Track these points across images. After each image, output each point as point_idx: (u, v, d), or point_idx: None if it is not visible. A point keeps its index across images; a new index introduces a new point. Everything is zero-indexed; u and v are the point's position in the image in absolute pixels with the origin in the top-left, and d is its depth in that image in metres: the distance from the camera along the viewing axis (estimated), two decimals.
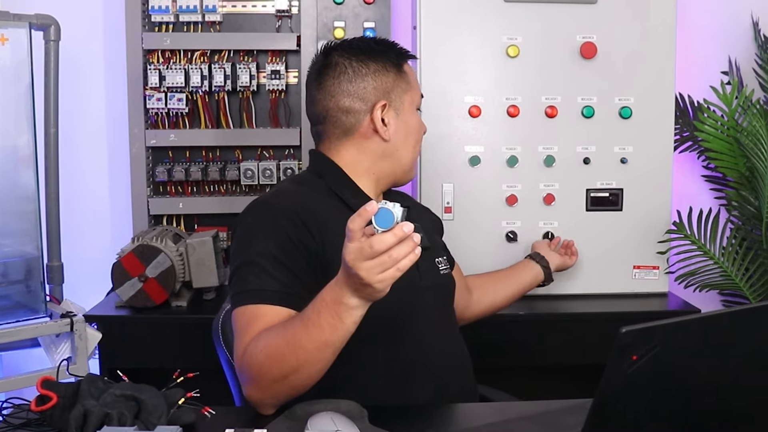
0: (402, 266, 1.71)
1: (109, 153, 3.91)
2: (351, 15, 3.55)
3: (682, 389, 1.52)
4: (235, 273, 2.12)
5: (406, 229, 1.68)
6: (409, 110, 2.36)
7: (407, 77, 2.36)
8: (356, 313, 1.82)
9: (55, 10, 3.39)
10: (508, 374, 3.26)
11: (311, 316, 1.85)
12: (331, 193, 2.29)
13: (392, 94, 2.32)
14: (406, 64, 2.38)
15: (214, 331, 2.39)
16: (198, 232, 3.46)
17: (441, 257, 2.47)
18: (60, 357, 3.18)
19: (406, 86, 2.35)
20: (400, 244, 1.69)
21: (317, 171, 2.36)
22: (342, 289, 1.79)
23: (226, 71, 3.51)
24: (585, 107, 3.40)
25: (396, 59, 2.35)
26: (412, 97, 2.37)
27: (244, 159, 3.61)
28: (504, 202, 3.41)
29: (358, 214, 1.70)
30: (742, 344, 1.53)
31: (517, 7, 3.36)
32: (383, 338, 2.16)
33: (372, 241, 1.68)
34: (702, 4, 3.96)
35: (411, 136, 2.37)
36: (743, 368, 1.56)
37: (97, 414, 1.75)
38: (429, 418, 2.12)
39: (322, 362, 1.89)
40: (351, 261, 1.71)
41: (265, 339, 1.93)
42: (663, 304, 3.47)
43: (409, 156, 2.38)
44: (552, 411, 2.08)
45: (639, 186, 3.46)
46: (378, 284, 1.72)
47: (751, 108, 3.46)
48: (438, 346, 2.30)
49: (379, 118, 2.29)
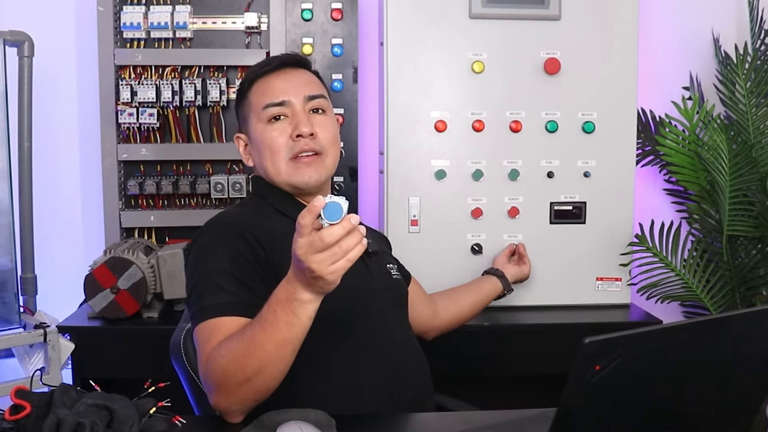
0: (351, 257, 1.75)
1: (82, 167, 3.91)
2: (319, 31, 3.57)
3: (644, 399, 1.54)
4: (192, 293, 2.15)
5: (354, 221, 1.72)
6: (256, 128, 2.38)
7: (248, 100, 2.41)
8: (310, 307, 1.85)
9: (29, 27, 3.39)
10: (473, 384, 3.31)
11: (267, 316, 1.88)
12: (276, 211, 2.36)
13: (243, 125, 2.45)
14: (252, 87, 2.42)
15: (172, 349, 2.39)
16: (169, 245, 3.48)
17: (391, 264, 2.51)
18: (33, 367, 3.16)
19: (248, 109, 2.41)
20: (349, 236, 1.73)
21: (259, 194, 2.43)
22: (294, 286, 1.82)
23: (197, 87, 3.53)
24: (549, 122, 3.42)
25: (240, 88, 2.45)
26: (255, 114, 2.39)
27: (214, 173, 3.62)
28: (469, 215, 3.42)
29: (307, 209, 1.73)
30: (703, 355, 1.55)
31: (482, 23, 3.38)
32: (338, 335, 2.19)
33: (322, 234, 1.71)
34: (664, 21, 4.00)
35: (263, 152, 2.37)
36: (704, 378, 1.59)
37: (70, 423, 1.76)
38: (393, 428, 2.15)
39: (283, 361, 1.91)
40: (302, 255, 1.74)
41: (226, 346, 1.95)
42: (625, 315, 3.48)
43: (271, 168, 2.37)
44: (516, 420, 2.09)
45: (602, 199, 3.48)
46: (329, 276, 1.75)
47: (712, 123, 3.47)
48: (392, 344, 2.33)
49: (242, 151, 2.45)
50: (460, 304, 2.93)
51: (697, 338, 1.54)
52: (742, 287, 3.56)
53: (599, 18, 3.43)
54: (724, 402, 1.67)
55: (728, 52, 3.87)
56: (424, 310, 2.71)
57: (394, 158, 3.36)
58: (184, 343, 2.34)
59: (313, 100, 2.39)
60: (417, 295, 2.70)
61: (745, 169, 3.41)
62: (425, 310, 2.73)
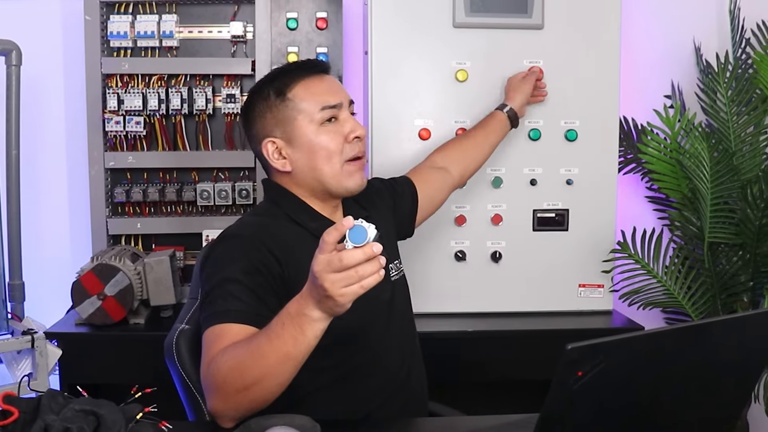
0: (366, 284, 1.74)
1: (69, 174, 3.92)
2: (304, 40, 3.59)
3: (626, 404, 1.56)
4: (205, 299, 2.15)
5: (376, 249, 1.72)
6: (307, 131, 2.32)
7: (294, 102, 2.33)
8: (317, 326, 1.84)
9: (17, 36, 3.42)
10: (456, 390, 3.30)
11: (275, 328, 1.88)
12: (290, 219, 2.33)
13: (277, 128, 2.34)
14: (293, 89, 2.34)
15: (166, 350, 2.39)
16: (155, 252, 3.48)
17: (394, 262, 2.52)
18: (21, 373, 3.19)
19: (295, 111, 2.32)
20: (368, 263, 1.73)
21: (274, 200, 2.39)
22: (306, 301, 1.82)
23: (183, 95, 3.54)
24: (532, 130, 3.44)
25: (277, 90, 2.35)
26: (308, 115, 2.32)
27: (200, 180, 3.63)
28: (453, 223, 3.45)
29: (335, 227, 1.74)
30: (684, 360, 1.57)
31: (465, 32, 3.39)
32: (339, 345, 2.19)
33: (342, 255, 1.72)
34: (646, 30, 4.01)
35: (318, 153, 2.32)
36: (686, 384, 1.61)
37: (58, 428, 1.78)
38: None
39: (283, 376, 1.92)
40: (318, 271, 1.74)
41: (230, 352, 1.96)
42: (608, 321, 3.50)
43: (326, 171, 2.33)
44: (500, 425, 2.11)
45: (584, 207, 3.50)
46: (340, 298, 1.75)
47: (693, 131, 3.47)
48: (393, 354, 2.37)
49: (273, 156, 2.34)
50: (471, 160, 3.06)
51: (678, 344, 1.55)
52: (723, 294, 3.58)
53: (582, 27, 3.45)
54: (706, 407, 1.69)
55: (709, 60, 3.89)
56: (439, 179, 2.90)
57: (379, 166, 3.37)
58: (177, 343, 2.36)
59: (352, 104, 2.41)
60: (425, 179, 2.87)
61: (726, 176, 3.42)
62: (440, 179, 2.90)
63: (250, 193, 3.58)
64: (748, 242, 3.49)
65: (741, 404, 1.83)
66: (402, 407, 2.35)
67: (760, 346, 1.70)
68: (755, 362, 1.74)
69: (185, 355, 2.34)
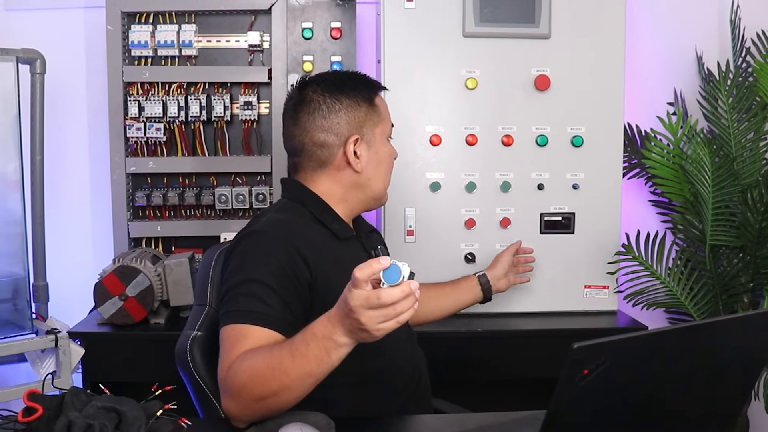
0: (401, 319, 1.75)
1: (92, 179, 3.97)
2: (319, 49, 3.63)
3: (630, 401, 1.58)
4: (228, 293, 2.13)
5: (413, 287, 1.73)
6: (381, 141, 2.40)
7: (378, 110, 2.40)
8: (343, 350, 1.84)
9: (41, 45, 3.46)
10: (464, 388, 3.36)
11: (300, 347, 1.87)
12: (314, 218, 2.34)
13: (364, 127, 2.36)
14: (378, 97, 2.43)
15: (178, 356, 2.37)
16: (175, 254, 3.50)
17: None
18: (45, 371, 3.22)
19: (378, 119, 2.39)
20: (405, 300, 1.73)
21: (299, 199, 2.38)
22: (335, 327, 1.82)
23: (202, 102, 3.60)
24: (539, 136, 3.48)
25: (368, 93, 2.39)
26: (383, 128, 2.41)
27: (218, 185, 3.69)
28: (463, 226, 3.49)
29: (368, 265, 1.73)
30: (686, 359, 1.59)
31: (475, 42, 3.44)
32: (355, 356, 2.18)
33: (380, 293, 1.71)
34: (649, 39, 4.03)
35: (382, 166, 2.42)
36: (688, 381, 1.64)
37: (80, 425, 1.79)
38: (390, 429, 2.20)
39: (302, 390, 1.91)
40: (356, 307, 1.73)
41: (250, 360, 1.95)
42: (612, 321, 3.53)
43: (381, 184, 2.44)
44: (506, 422, 2.12)
45: (590, 210, 3.54)
46: (376, 332, 1.76)
47: (695, 137, 3.49)
48: (401, 357, 2.39)
49: (352, 152, 2.34)
50: (433, 309, 2.96)
51: (681, 343, 1.58)
52: (724, 295, 3.59)
53: (588, 36, 3.48)
54: (707, 404, 1.72)
55: (711, 69, 3.91)
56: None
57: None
58: (191, 350, 2.34)
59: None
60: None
61: (727, 181, 3.43)
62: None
63: (267, 197, 3.61)
64: (749, 245, 3.51)
65: (741, 401, 1.86)
66: (413, 408, 2.39)
67: (760, 344, 1.72)
68: (755, 360, 1.76)
69: (200, 362, 2.33)
